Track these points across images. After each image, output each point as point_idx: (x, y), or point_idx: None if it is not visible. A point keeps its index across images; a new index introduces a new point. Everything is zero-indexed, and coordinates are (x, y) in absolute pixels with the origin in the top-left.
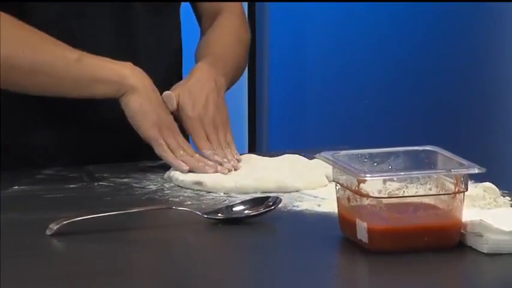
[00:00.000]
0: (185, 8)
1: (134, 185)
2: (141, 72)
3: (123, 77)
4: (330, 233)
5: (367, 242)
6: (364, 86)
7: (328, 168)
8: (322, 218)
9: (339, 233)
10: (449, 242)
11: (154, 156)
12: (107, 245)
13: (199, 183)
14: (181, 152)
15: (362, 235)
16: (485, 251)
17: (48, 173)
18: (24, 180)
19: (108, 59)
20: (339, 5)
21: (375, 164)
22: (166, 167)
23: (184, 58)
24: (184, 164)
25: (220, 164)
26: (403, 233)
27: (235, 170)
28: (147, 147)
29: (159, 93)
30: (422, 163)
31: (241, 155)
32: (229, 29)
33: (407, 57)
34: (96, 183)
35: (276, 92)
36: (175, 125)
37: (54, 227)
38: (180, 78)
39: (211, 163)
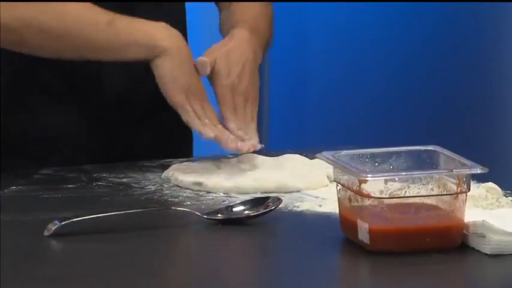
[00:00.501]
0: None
1: (133, 185)
2: (176, 35)
3: (156, 40)
4: (331, 234)
5: (368, 242)
6: (365, 85)
7: (330, 168)
8: (323, 219)
9: (340, 234)
10: (451, 242)
11: (153, 156)
12: (105, 245)
13: (198, 183)
14: (207, 120)
15: (363, 236)
16: (487, 252)
17: (46, 173)
18: (21, 180)
19: (142, 21)
20: (341, 4)
21: (376, 164)
22: (165, 167)
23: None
24: (210, 131)
25: (242, 140)
26: (405, 234)
27: (254, 149)
28: (146, 146)
29: (192, 58)
30: (424, 163)
31: (242, 155)
32: (253, 4)
33: (408, 57)
34: (94, 184)
35: (277, 91)
36: (204, 92)
37: (52, 227)
38: None
39: (232, 137)
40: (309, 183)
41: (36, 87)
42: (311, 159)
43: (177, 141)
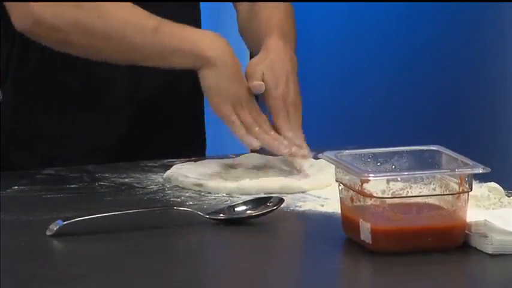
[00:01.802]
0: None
1: (135, 185)
2: (223, 43)
3: (201, 50)
4: (333, 234)
5: (370, 242)
6: (367, 85)
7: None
8: (325, 219)
9: (342, 234)
10: (453, 242)
11: (155, 156)
12: (107, 245)
13: (199, 184)
14: (257, 128)
15: (365, 236)
16: (490, 252)
17: (48, 172)
18: (24, 180)
19: (189, 28)
20: (343, 4)
21: (379, 164)
22: (167, 167)
23: None
24: (255, 140)
25: (300, 148)
26: (407, 234)
27: (304, 158)
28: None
29: (239, 67)
30: (426, 163)
31: (242, 154)
32: (277, 4)
33: (410, 57)
34: (96, 184)
35: None
36: (252, 101)
37: (54, 227)
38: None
39: (286, 142)
40: (315, 184)
41: (49, 87)
42: (315, 159)
43: (190, 141)
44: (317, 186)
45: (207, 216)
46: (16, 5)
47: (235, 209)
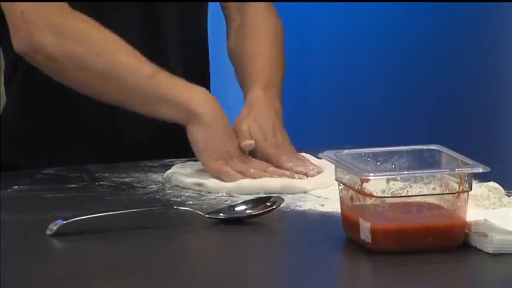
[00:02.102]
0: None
1: (135, 185)
2: (212, 100)
3: (190, 103)
4: (333, 233)
5: (370, 242)
6: (367, 85)
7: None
8: (325, 218)
9: (342, 233)
10: (453, 242)
11: (155, 156)
12: (107, 245)
13: (199, 184)
14: (252, 170)
15: (365, 235)
16: (490, 251)
17: (48, 172)
18: (24, 179)
19: (182, 81)
20: (344, 4)
21: (379, 163)
22: (167, 167)
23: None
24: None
25: (305, 174)
26: (407, 233)
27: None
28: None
29: (227, 122)
30: (426, 162)
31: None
32: (265, 31)
33: (410, 57)
34: (96, 183)
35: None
36: (242, 153)
37: (54, 227)
38: (208, 75)
39: (288, 173)
40: (316, 184)
41: (52, 88)
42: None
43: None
44: (318, 186)
45: (207, 216)
46: (17, 27)
47: (235, 209)
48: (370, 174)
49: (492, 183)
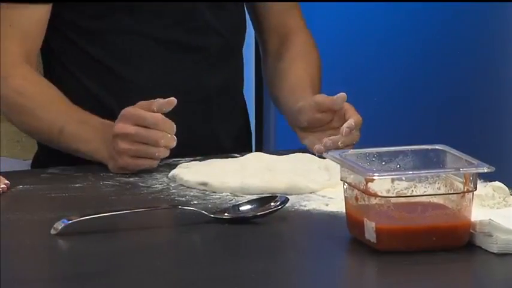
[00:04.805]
0: None
1: (140, 184)
2: (101, 134)
3: (95, 153)
4: (337, 233)
5: (375, 241)
6: (371, 85)
7: None
8: (329, 218)
9: (347, 233)
10: (458, 241)
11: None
12: (111, 244)
13: (204, 183)
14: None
15: (370, 235)
16: (494, 251)
17: (53, 172)
18: (28, 179)
19: (87, 129)
20: (345, 4)
21: (383, 163)
22: (171, 166)
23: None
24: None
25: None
26: (412, 233)
27: None
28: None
29: (108, 132)
30: (431, 162)
31: (244, 154)
32: (310, 62)
33: (414, 56)
34: (101, 183)
35: None
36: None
37: (59, 226)
38: (242, 79)
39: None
40: (323, 184)
41: (75, 90)
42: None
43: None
44: (322, 187)
45: (212, 216)
46: None
47: (240, 208)
48: (375, 174)
49: (497, 183)
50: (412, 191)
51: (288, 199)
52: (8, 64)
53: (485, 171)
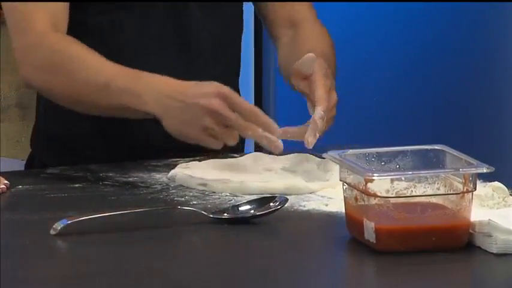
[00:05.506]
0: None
1: (139, 184)
2: (157, 90)
3: (145, 105)
4: (337, 233)
5: (374, 241)
6: (371, 84)
7: None
8: (329, 218)
9: (346, 233)
10: (457, 242)
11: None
12: (111, 245)
13: (203, 184)
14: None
15: (369, 235)
16: (494, 251)
17: (52, 172)
18: (28, 179)
19: (136, 82)
20: (345, 4)
21: (383, 163)
22: (171, 166)
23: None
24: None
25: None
26: (411, 233)
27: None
28: None
29: (188, 107)
30: (431, 162)
31: (244, 154)
32: (324, 42)
33: (414, 56)
34: (100, 183)
35: (283, 90)
36: (220, 114)
37: (58, 226)
38: (237, 77)
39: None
40: (322, 184)
41: None
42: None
43: None
44: (322, 187)
45: (211, 216)
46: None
47: (240, 209)
48: (375, 174)
49: (496, 183)
50: (412, 191)
51: (288, 199)
52: (39, 32)
53: (485, 171)
